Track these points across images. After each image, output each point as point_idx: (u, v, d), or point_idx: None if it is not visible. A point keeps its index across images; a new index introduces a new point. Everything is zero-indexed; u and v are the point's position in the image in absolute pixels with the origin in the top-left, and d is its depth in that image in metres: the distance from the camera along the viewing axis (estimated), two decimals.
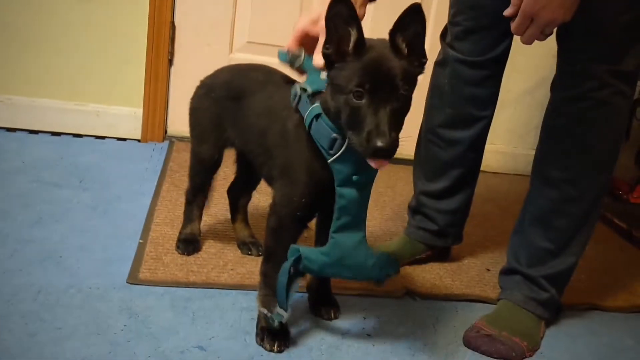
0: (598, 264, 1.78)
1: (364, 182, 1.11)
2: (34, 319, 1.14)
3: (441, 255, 1.63)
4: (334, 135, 1.07)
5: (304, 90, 1.12)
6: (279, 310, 1.13)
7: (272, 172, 1.20)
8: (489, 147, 2.45)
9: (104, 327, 1.15)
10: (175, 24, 2.15)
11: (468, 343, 1.29)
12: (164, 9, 2.11)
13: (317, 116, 1.08)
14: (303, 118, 1.11)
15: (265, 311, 1.15)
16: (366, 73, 0.99)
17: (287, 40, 1.18)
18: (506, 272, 1.44)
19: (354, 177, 1.09)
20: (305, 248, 1.13)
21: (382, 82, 0.99)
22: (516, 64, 2.31)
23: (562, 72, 1.31)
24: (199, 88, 1.42)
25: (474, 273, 1.60)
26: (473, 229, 1.88)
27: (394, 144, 0.98)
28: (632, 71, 1.26)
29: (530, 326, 1.35)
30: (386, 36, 1.02)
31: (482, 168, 2.43)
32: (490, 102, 1.50)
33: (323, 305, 1.31)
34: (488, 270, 1.61)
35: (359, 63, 1.00)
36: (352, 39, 1.00)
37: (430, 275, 1.55)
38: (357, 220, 1.14)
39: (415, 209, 1.61)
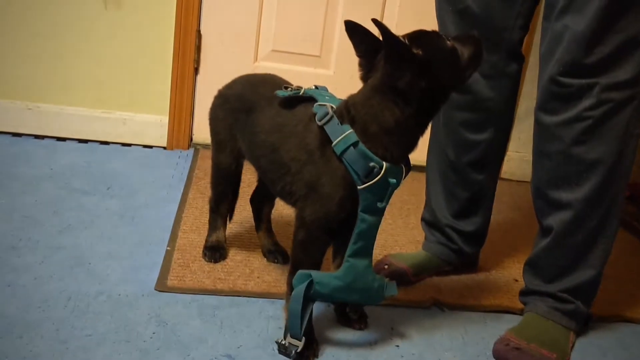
0: (628, 274, 1.76)
1: (385, 208, 1.15)
2: (65, 325, 1.15)
3: (467, 266, 1.61)
4: (372, 163, 1.09)
5: (332, 109, 1.13)
6: (291, 340, 1.13)
7: (291, 188, 1.19)
8: (513, 155, 2.46)
9: (134, 335, 1.16)
10: (202, 32, 2.17)
11: (498, 356, 1.27)
12: (190, 18, 2.13)
13: (354, 144, 1.09)
14: (326, 135, 1.12)
15: (283, 341, 1.15)
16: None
17: (311, 49, 1.20)
18: (524, 293, 1.42)
19: (379, 204, 1.13)
20: (317, 273, 1.14)
21: None
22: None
23: (551, 95, 1.25)
24: (216, 98, 1.43)
25: (502, 283, 1.58)
26: (500, 238, 1.86)
27: None
28: (632, 78, 1.20)
29: (558, 337, 1.33)
30: None
31: (506, 176, 2.45)
32: (487, 124, 1.45)
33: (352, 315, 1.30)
34: (516, 280, 1.60)
35: None
36: None
37: (458, 285, 1.54)
38: (370, 246, 1.18)
39: (431, 224, 1.59)
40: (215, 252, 1.47)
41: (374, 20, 1.03)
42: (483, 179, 1.51)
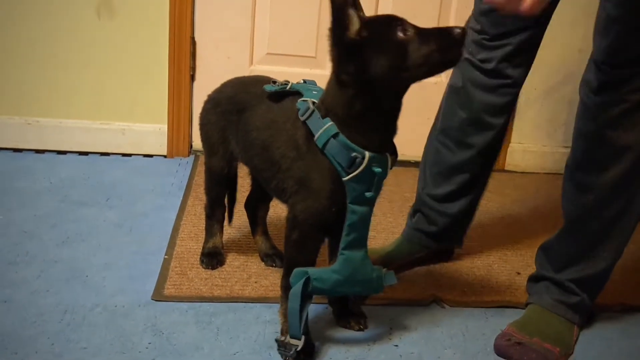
0: (633, 262, 1.72)
1: (374, 198, 1.14)
2: (60, 339, 1.15)
3: (441, 256, 1.59)
4: (355, 153, 1.08)
5: (314, 104, 1.13)
6: (291, 340, 1.13)
7: (283, 185, 1.19)
8: (516, 146, 2.44)
9: (129, 346, 1.15)
10: (196, 39, 2.17)
11: (499, 351, 1.25)
12: (184, 25, 2.13)
13: (335, 135, 1.08)
14: (310, 131, 1.11)
15: (283, 338, 1.14)
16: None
17: (306, 50, 1.19)
18: (534, 279, 1.41)
19: (367, 194, 1.12)
20: (314, 269, 1.13)
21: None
22: (542, 59, 2.25)
23: (595, 76, 1.21)
24: (206, 102, 1.43)
25: (504, 277, 1.56)
26: (502, 230, 1.84)
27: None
28: None
29: (561, 330, 1.31)
30: None
31: (510, 168, 2.43)
32: (505, 110, 1.43)
33: (351, 316, 1.29)
34: (518, 274, 1.57)
35: None
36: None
37: (459, 282, 1.52)
38: (364, 237, 1.17)
39: (415, 209, 1.57)
40: (212, 258, 1.47)
41: None
42: (484, 164, 1.49)
